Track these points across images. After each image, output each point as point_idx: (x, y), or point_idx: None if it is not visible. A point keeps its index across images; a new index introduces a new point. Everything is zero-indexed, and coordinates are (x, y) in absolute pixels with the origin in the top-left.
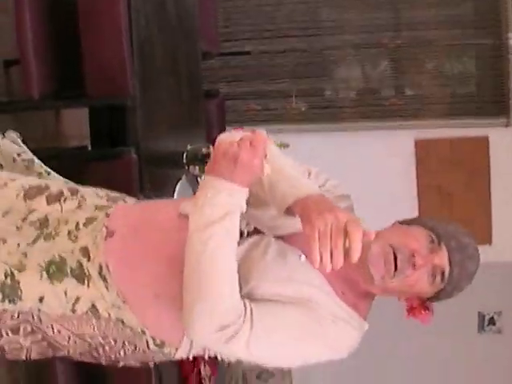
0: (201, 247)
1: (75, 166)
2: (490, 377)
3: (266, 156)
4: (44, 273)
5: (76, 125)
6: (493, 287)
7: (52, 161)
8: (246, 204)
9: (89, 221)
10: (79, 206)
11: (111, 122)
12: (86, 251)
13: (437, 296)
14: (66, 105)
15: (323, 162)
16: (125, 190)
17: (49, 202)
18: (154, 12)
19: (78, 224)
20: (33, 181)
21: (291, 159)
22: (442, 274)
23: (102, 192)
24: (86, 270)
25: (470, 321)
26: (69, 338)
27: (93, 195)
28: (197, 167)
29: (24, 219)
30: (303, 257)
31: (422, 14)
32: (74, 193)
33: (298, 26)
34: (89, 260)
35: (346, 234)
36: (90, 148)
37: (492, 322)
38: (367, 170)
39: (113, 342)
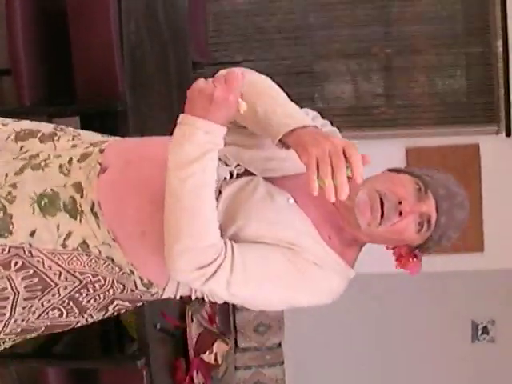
0: (179, 186)
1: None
2: None
3: (241, 95)
4: (36, 206)
5: None
6: (485, 295)
7: None
8: (237, 145)
9: (83, 156)
10: (74, 146)
11: (102, 131)
12: (79, 187)
13: (425, 244)
14: (57, 111)
15: None
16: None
17: (41, 141)
18: (145, 19)
19: (71, 159)
20: (25, 125)
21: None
22: (429, 222)
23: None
24: (78, 206)
25: (463, 330)
26: (60, 273)
27: (88, 132)
28: None
29: (16, 158)
30: (291, 200)
31: (411, 24)
32: (67, 131)
33: (288, 35)
34: (82, 196)
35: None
36: None
37: (485, 331)
38: None
39: (102, 281)
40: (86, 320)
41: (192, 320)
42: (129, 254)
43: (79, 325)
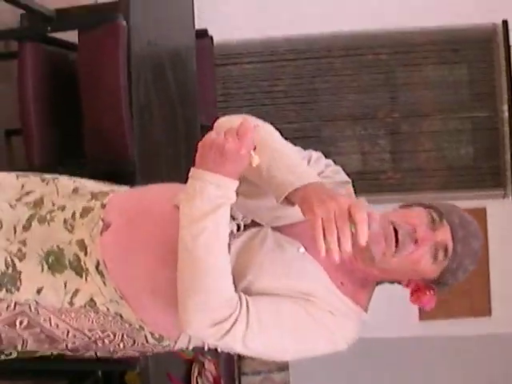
0: (192, 242)
1: None
2: None
3: (254, 148)
4: (44, 263)
5: None
6: (493, 359)
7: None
8: (242, 195)
9: (85, 211)
10: (75, 190)
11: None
12: (82, 244)
13: (442, 276)
14: (66, 172)
15: None
16: None
17: (43, 180)
18: (154, 82)
19: (74, 213)
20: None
21: (291, 144)
22: (445, 250)
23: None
24: (83, 264)
25: None
26: (67, 331)
27: (88, 180)
28: None
29: (19, 199)
30: (302, 249)
31: (418, 89)
32: (65, 177)
33: (295, 100)
34: (86, 254)
35: (349, 219)
36: None
37: None
38: None
39: (112, 336)
40: None
41: (197, 382)
42: (138, 311)
43: None
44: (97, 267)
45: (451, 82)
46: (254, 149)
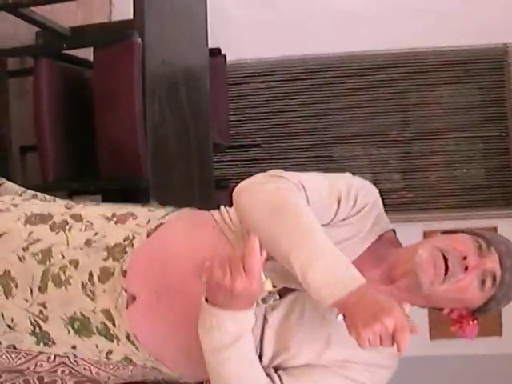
0: (219, 367)
1: None
2: None
3: (263, 277)
4: (70, 327)
5: None
6: (504, 379)
7: None
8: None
9: (104, 274)
10: (87, 243)
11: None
12: (109, 315)
13: (486, 304)
14: (80, 187)
15: None
16: None
17: (52, 229)
18: (168, 100)
19: (91, 275)
20: (36, 208)
21: (317, 198)
22: (494, 278)
23: (109, 210)
24: (112, 332)
25: None
26: (108, 378)
27: (98, 220)
28: None
29: (26, 248)
30: (340, 316)
31: (430, 109)
32: (78, 220)
33: (307, 120)
34: (114, 325)
35: (393, 341)
36: None
37: None
38: None
39: (152, 378)
40: None
41: None
42: (176, 369)
43: None
44: (127, 337)
45: (462, 102)
46: (264, 278)
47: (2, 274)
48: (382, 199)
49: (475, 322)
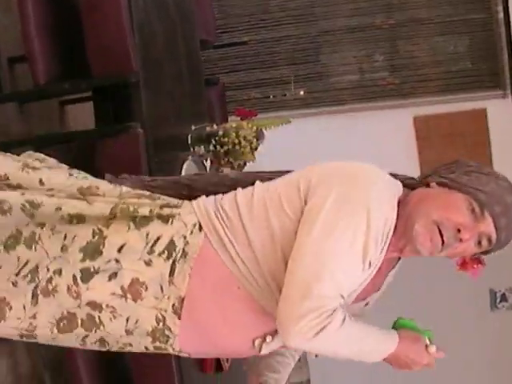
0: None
1: (84, 147)
2: (505, 354)
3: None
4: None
5: (81, 119)
6: (502, 263)
7: (60, 144)
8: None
9: (158, 349)
10: (128, 332)
11: (116, 113)
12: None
13: (487, 252)
14: (71, 87)
15: (326, 145)
16: (133, 166)
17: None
18: None
19: (147, 349)
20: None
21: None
22: (489, 239)
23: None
24: None
25: (481, 299)
26: None
27: (117, 300)
28: (202, 147)
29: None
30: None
31: None
32: (96, 307)
33: (292, 13)
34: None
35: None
36: None
37: (504, 298)
38: (370, 150)
39: None
40: None
41: None
42: None
43: None
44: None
45: None
46: None
47: None
48: (369, 87)
49: (479, 266)
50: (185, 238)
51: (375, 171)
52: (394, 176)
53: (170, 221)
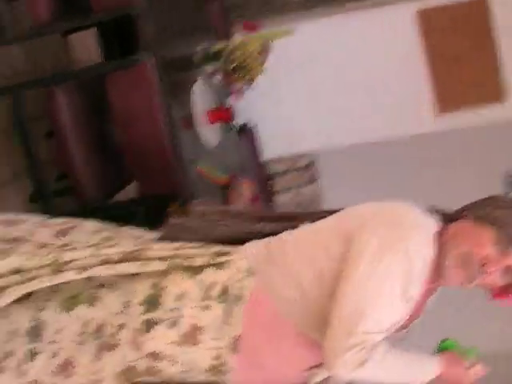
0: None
1: (95, 82)
2: None
3: None
4: None
5: (85, 50)
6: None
7: (70, 81)
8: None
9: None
10: (183, 372)
11: (121, 44)
12: None
13: None
14: (74, 24)
15: (328, 47)
16: (147, 95)
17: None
18: None
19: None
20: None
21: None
22: None
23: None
24: None
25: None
26: None
27: (177, 349)
28: (211, 65)
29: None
30: None
31: None
32: (158, 358)
33: None
34: None
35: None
36: None
37: None
38: (374, 47)
39: None
40: None
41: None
42: None
43: None
44: None
45: None
46: None
47: None
48: None
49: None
50: (238, 282)
51: (414, 214)
52: (435, 209)
53: (224, 267)
